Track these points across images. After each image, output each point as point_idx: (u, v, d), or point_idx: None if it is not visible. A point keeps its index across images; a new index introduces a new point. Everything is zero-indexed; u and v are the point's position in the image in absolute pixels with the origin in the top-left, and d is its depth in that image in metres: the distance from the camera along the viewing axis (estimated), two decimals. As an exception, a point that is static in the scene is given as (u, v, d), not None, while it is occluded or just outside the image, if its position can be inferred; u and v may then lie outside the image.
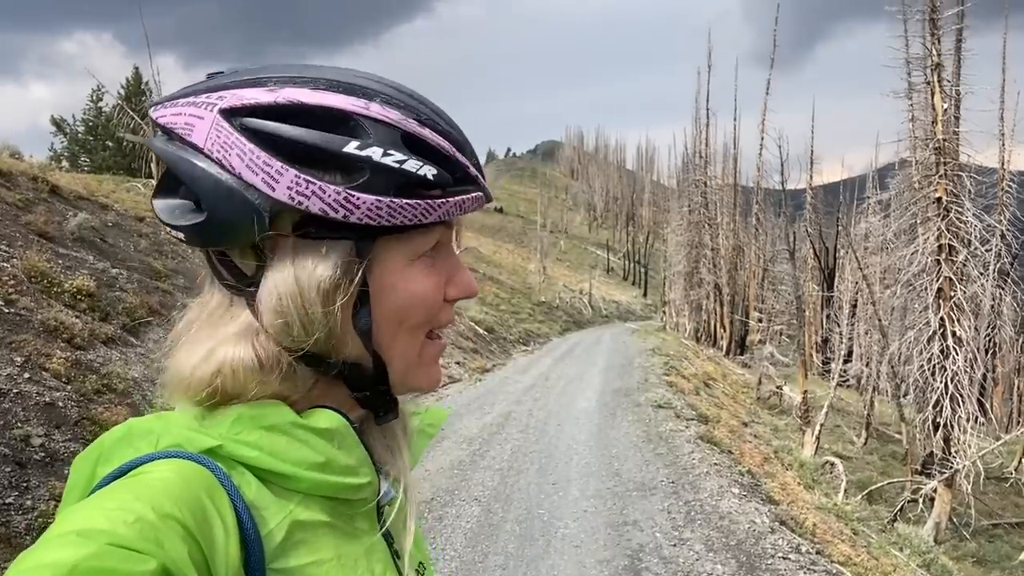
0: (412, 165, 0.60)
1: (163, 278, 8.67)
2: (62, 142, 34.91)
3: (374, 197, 0.58)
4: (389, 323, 0.63)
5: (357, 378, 0.64)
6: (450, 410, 0.84)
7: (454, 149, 0.64)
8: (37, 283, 6.42)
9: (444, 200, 0.62)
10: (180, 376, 0.61)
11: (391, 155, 0.59)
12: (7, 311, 5.64)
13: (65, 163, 31.99)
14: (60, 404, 4.91)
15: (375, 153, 0.58)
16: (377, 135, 0.59)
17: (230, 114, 0.58)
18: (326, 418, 0.61)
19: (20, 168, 9.36)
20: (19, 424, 4.45)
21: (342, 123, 0.59)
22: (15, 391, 4.72)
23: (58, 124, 34.82)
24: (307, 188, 0.57)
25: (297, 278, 0.59)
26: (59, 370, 5.30)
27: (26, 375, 4.97)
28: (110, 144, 33.32)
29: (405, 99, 0.63)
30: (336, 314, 0.60)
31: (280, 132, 0.57)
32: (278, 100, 0.58)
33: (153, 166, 19.19)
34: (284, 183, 0.57)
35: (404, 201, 0.59)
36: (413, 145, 0.61)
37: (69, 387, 5.22)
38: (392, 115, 0.61)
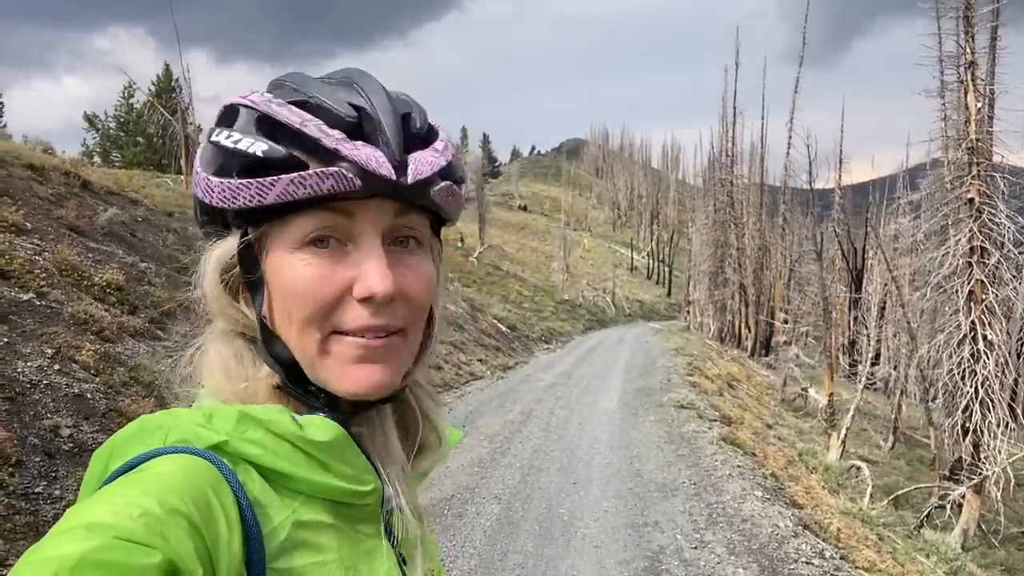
0: (245, 143, 0.59)
1: (191, 273, 8.78)
2: (94, 138, 35.59)
3: (219, 179, 0.60)
4: (280, 312, 0.62)
5: (287, 369, 0.63)
6: (461, 435, 0.81)
7: (307, 124, 0.58)
8: (68, 276, 6.53)
9: (276, 179, 0.57)
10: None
11: (232, 136, 0.59)
12: (38, 303, 5.75)
13: (97, 158, 32.59)
14: (89, 396, 5.00)
15: (222, 136, 0.60)
16: (241, 120, 0.61)
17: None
18: (324, 429, 0.60)
19: (52, 163, 9.53)
20: (49, 415, 4.53)
21: (232, 114, 0.62)
22: (45, 382, 4.81)
23: (90, 120, 35.50)
24: (196, 177, 0.63)
25: (207, 258, 0.64)
26: (88, 362, 5.39)
27: (56, 367, 5.06)
28: (141, 140, 33.89)
29: (296, 81, 0.63)
30: (239, 296, 0.65)
31: (209, 132, 0.63)
32: (221, 107, 0.64)
33: (182, 162, 19.48)
34: (193, 176, 0.63)
35: (240, 181, 0.59)
36: (264, 125, 0.60)
37: (97, 379, 5.31)
38: (261, 98, 0.61)
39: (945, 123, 12.50)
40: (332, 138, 0.58)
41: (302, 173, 0.57)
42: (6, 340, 5.00)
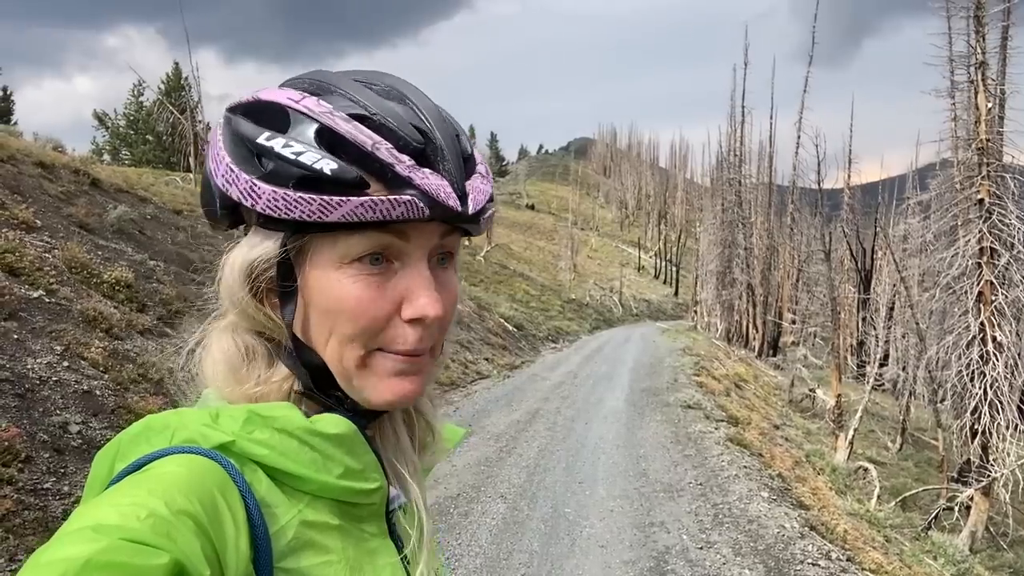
0: (310, 158, 0.57)
1: (199, 270, 8.82)
2: (104, 136, 35.77)
3: (271, 187, 0.58)
4: (318, 326, 0.61)
5: (313, 375, 0.63)
6: (468, 431, 0.81)
7: (379, 147, 0.58)
8: (77, 274, 6.57)
9: (345, 199, 0.56)
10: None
11: (291, 146, 0.58)
12: (48, 301, 5.79)
13: (107, 156, 32.77)
14: (97, 392, 5.03)
15: (277, 143, 0.58)
16: (295, 126, 0.59)
17: (229, 111, 0.63)
18: (334, 423, 0.60)
19: (62, 161, 9.59)
20: (58, 411, 4.56)
21: (276, 116, 0.60)
22: (54, 379, 4.84)
23: (100, 118, 35.67)
24: (230, 176, 0.60)
25: (233, 259, 0.63)
26: (97, 359, 5.42)
27: (65, 363, 5.10)
28: (150, 138, 34.05)
29: (356, 93, 0.61)
30: (268, 302, 0.63)
31: (235, 126, 0.61)
32: (248, 98, 0.62)
33: (191, 160, 19.56)
34: (221, 171, 0.61)
35: (299, 195, 0.57)
36: (327, 138, 0.58)
37: (106, 376, 5.34)
38: (319, 107, 0.59)
39: (955, 123, 12.45)
40: (404, 165, 0.58)
41: (373, 198, 0.57)
42: (16, 337, 5.04)
